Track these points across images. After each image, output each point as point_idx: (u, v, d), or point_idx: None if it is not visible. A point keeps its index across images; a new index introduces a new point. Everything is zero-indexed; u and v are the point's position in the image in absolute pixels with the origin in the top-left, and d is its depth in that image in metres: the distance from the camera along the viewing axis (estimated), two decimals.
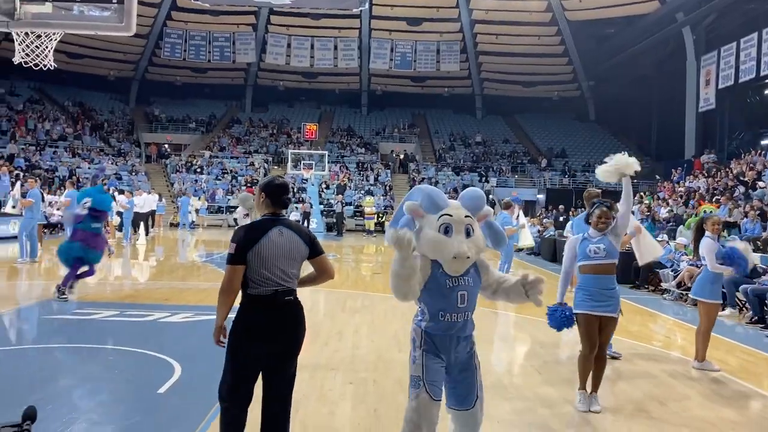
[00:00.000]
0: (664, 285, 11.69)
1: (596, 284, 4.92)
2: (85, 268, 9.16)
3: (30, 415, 2.42)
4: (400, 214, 3.47)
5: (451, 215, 3.30)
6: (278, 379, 3.41)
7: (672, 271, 11.74)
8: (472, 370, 3.42)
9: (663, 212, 19.82)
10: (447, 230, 3.27)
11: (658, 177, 28.39)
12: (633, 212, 6.97)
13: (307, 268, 3.56)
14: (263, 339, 3.29)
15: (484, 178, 35.50)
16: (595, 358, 4.95)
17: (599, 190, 6.80)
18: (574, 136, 42.20)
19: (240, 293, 3.36)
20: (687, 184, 23.87)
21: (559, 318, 4.91)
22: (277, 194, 3.49)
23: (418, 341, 3.38)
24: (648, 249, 6.82)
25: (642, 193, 23.06)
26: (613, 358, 6.37)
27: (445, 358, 3.35)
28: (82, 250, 8.90)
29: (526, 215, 26.71)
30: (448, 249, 3.24)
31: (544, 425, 4.55)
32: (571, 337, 5.21)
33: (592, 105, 44.28)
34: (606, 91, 41.31)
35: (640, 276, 12.52)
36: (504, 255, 11.73)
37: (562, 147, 40.43)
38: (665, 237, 13.83)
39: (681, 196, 21.68)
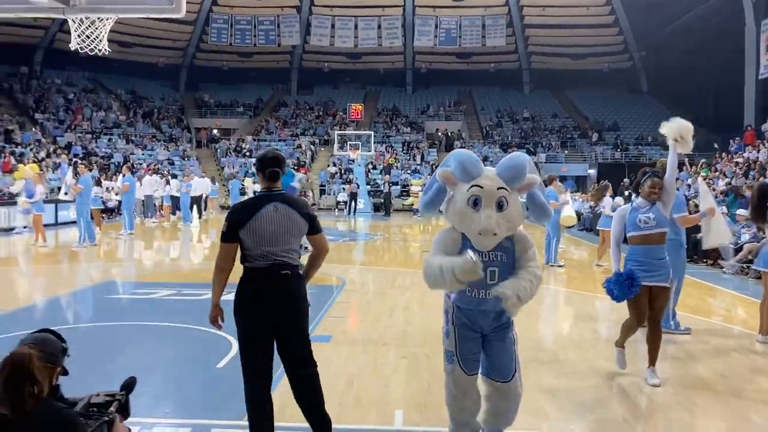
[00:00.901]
0: (721, 263, 11.33)
1: (646, 254, 4.83)
2: None
3: (127, 386, 2.55)
4: (433, 181, 3.31)
5: (481, 186, 3.07)
6: (289, 348, 3.40)
7: (732, 244, 11.33)
8: (508, 343, 3.29)
9: (721, 184, 19.11)
10: (476, 202, 3.05)
11: (716, 146, 27.31)
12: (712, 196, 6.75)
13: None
14: (259, 311, 3.29)
15: (533, 154, 34.90)
16: (650, 332, 4.85)
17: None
18: (626, 108, 40.95)
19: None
20: (746, 154, 22.91)
21: (625, 286, 4.72)
22: (263, 167, 3.45)
23: (450, 314, 3.31)
24: (716, 233, 6.55)
25: (697, 165, 22.25)
26: (684, 333, 6.25)
27: (479, 330, 3.27)
28: None
29: (577, 191, 26.28)
30: (473, 224, 3.05)
31: (602, 399, 4.48)
32: (623, 312, 5.10)
33: (644, 76, 42.84)
34: (659, 61, 39.86)
35: (698, 251, 12.14)
36: (551, 230, 11.42)
37: (614, 120, 39.33)
38: (723, 209, 13.35)
39: (740, 167, 20.84)
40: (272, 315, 3.30)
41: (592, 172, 34.10)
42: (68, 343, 2.41)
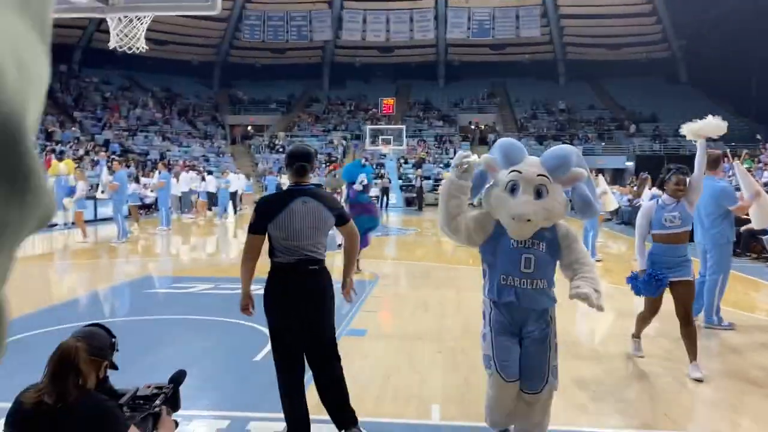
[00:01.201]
0: None
1: (668, 252, 4.85)
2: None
3: (175, 379, 2.58)
4: (478, 169, 3.29)
5: (520, 172, 3.00)
6: (315, 343, 3.42)
7: None
8: (544, 351, 3.09)
9: (765, 176, 18.56)
10: (513, 188, 2.98)
11: (759, 137, 26.50)
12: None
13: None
14: (287, 306, 3.31)
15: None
16: (683, 327, 4.79)
17: (719, 152, 6.45)
18: (664, 99, 40.01)
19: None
20: None
21: (652, 286, 4.81)
22: (291, 162, 3.45)
23: (488, 315, 3.17)
24: (766, 214, 6.36)
25: (740, 156, 21.64)
26: (727, 329, 6.09)
27: (517, 330, 3.11)
28: (370, 220, 9.46)
29: (614, 183, 25.81)
30: (507, 209, 2.95)
31: (642, 395, 4.38)
32: (665, 309, 4.99)
33: (683, 66, 41.85)
34: (699, 51, 38.89)
35: (741, 243, 11.82)
36: (589, 223, 11.26)
37: (652, 111, 38.48)
38: None
39: None
40: (299, 309, 3.32)
41: (630, 164, 33.44)
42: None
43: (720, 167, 6.42)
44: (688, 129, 5.03)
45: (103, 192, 14.07)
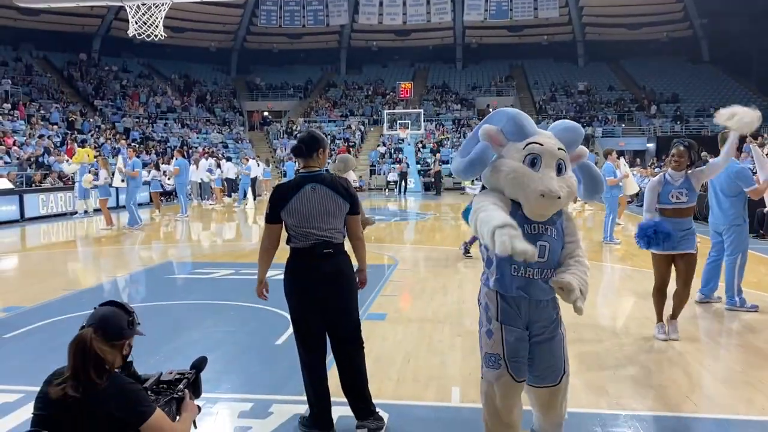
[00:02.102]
0: None
1: (674, 226, 5.02)
2: None
3: (197, 365, 2.62)
4: (473, 142, 2.83)
5: (541, 144, 2.66)
6: (335, 327, 3.45)
7: None
8: (557, 341, 2.85)
9: None
10: (534, 162, 2.62)
11: None
12: None
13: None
14: (305, 289, 3.35)
15: (589, 128, 34.10)
16: (678, 288, 5.12)
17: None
18: (686, 79, 39.38)
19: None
20: None
21: (660, 238, 4.98)
22: (297, 148, 3.47)
23: (493, 309, 2.85)
24: None
25: (763, 137, 21.23)
26: (751, 310, 6.03)
27: (526, 325, 2.81)
28: None
29: (634, 165, 25.51)
30: (534, 184, 2.57)
31: (662, 376, 4.37)
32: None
33: (705, 45, 41.06)
34: (721, 29, 38.04)
35: (764, 225, 11.66)
36: (608, 207, 11.21)
37: (673, 92, 37.89)
38: None
39: None
40: (318, 293, 3.35)
41: (651, 146, 33.03)
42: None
43: (738, 149, 6.33)
44: (723, 116, 5.04)
45: (123, 180, 14.26)
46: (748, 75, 38.17)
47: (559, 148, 2.70)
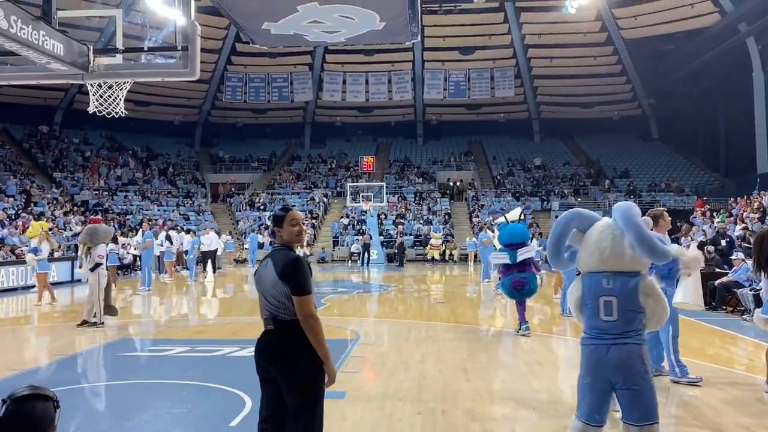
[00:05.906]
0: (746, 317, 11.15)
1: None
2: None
3: None
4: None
5: None
6: (281, 404, 3.35)
7: (751, 290, 11.15)
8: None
9: (737, 230, 18.93)
10: None
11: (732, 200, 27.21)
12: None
13: None
14: (258, 362, 3.40)
15: (546, 202, 34.99)
16: None
17: (663, 209, 6.57)
18: (637, 155, 41.09)
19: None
20: (764, 201, 22.73)
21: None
22: (272, 220, 3.62)
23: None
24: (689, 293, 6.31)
25: (713, 211, 22.14)
26: (692, 384, 6.09)
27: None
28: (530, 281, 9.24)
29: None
30: None
31: None
32: None
33: (654, 123, 43.11)
34: (668, 108, 40.15)
35: (716, 297, 11.97)
36: (567, 278, 11.40)
37: (625, 167, 39.43)
38: (741, 255, 13.19)
39: (755, 212, 20.66)
40: (267, 371, 3.36)
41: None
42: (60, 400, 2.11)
43: (663, 224, 6.36)
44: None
45: (135, 248, 14.46)
46: (695, 151, 40.04)
47: None
